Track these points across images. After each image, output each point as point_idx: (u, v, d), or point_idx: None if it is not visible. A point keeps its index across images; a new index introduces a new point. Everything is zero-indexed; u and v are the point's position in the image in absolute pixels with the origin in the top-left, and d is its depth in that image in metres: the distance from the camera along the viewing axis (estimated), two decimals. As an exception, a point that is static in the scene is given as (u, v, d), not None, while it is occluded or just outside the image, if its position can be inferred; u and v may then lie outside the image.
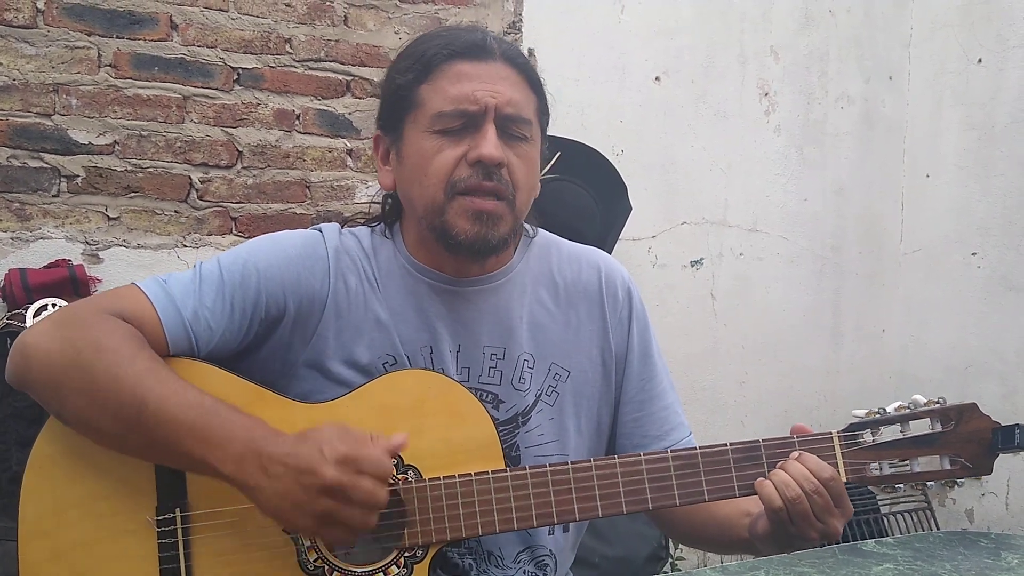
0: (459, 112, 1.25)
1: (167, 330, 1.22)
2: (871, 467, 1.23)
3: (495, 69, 1.27)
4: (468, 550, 1.33)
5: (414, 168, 1.29)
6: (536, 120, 1.31)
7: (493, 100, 1.25)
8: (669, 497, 1.22)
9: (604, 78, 3.24)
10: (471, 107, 1.24)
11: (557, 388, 1.38)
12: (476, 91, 1.25)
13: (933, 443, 1.23)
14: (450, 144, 1.26)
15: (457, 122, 1.25)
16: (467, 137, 1.25)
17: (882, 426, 1.24)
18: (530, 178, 1.31)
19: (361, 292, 1.31)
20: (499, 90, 1.26)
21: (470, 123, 1.25)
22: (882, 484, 1.24)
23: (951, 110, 3.73)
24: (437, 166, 1.26)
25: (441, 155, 1.26)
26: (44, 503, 1.18)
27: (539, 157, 1.35)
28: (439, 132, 1.26)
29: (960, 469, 1.23)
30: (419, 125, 1.28)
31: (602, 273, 1.44)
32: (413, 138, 1.29)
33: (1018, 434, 1.21)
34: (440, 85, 1.26)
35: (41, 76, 2.38)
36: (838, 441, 1.24)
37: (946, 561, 1.31)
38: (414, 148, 1.28)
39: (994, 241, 3.59)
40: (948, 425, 1.23)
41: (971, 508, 3.69)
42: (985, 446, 1.23)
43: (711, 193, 3.49)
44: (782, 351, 3.69)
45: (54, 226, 2.41)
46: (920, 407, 1.25)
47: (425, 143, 1.27)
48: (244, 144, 2.63)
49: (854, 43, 3.76)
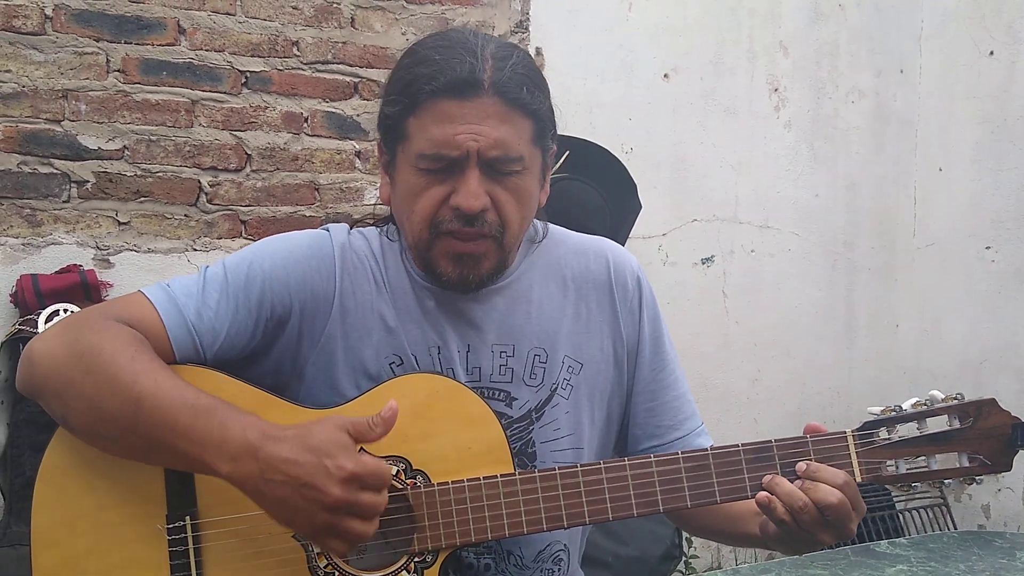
0: (439, 156, 1.22)
1: (170, 332, 1.22)
2: (887, 466, 1.21)
3: (483, 106, 1.21)
4: (487, 549, 1.33)
5: (402, 200, 1.28)
6: (531, 148, 1.27)
7: (475, 144, 1.21)
8: (680, 499, 1.21)
9: (612, 76, 3.23)
10: (451, 152, 1.21)
11: (571, 381, 1.37)
12: (458, 135, 1.20)
13: (951, 440, 1.20)
14: (434, 183, 1.23)
15: (438, 164, 1.22)
16: (452, 178, 1.23)
17: (898, 423, 1.21)
18: (522, 209, 1.28)
19: (368, 292, 1.31)
20: (483, 132, 1.21)
21: (453, 166, 1.22)
22: (898, 483, 1.21)
23: (963, 103, 3.70)
24: (421, 205, 1.24)
25: (425, 195, 1.24)
26: (55, 513, 1.18)
27: (539, 178, 1.31)
28: (424, 170, 1.24)
29: (979, 466, 1.20)
30: (407, 157, 1.25)
31: (611, 263, 1.43)
32: (403, 168, 1.27)
33: None
34: (424, 123, 1.22)
35: (50, 82, 2.39)
36: (852, 441, 1.21)
37: (960, 562, 1.30)
38: (403, 179, 1.27)
39: (1008, 235, 3.56)
40: (966, 422, 1.20)
41: (987, 504, 3.66)
42: (1004, 442, 1.20)
43: (721, 190, 3.48)
44: (795, 348, 3.67)
45: (65, 232, 2.42)
46: (937, 403, 1.21)
47: (412, 178, 1.25)
48: (253, 147, 2.63)
49: (864, 37, 3.74)
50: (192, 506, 1.18)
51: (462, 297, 1.33)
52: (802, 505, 1.16)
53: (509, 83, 1.22)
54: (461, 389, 1.24)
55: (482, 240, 1.25)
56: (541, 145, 1.29)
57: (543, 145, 1.30)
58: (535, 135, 1.27)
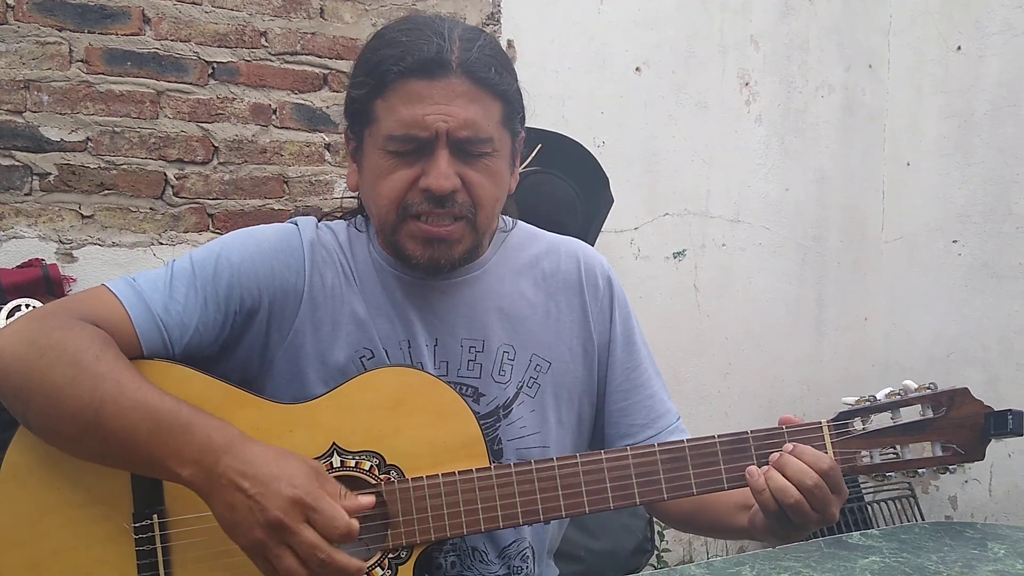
0: (409, 137, 1.21)
1: (137, 327, 1.19)
2: (861, 455, 1.21)
3: (450, 87, 1.20)
4: (452, 547, 1.32)
5: (370, 183, 1.27)
6: (501, 130, 1.26)
7: (444, 125, 1.20)
8: (656, 491, 1.21)
9: (584, 69, 3.22)
10: (421, 133, 1.20)
11: (538, 379, 1.36)
12: (427, 115, 1.19)
13: (924, 429, 1.21)
14: (402, 166, 1.22)
15: (408, 146, 1.21)
16: (421, 160, 1.22)
17: (872, 414, 1.22)
18: (494, 190, 1.27)
19: (338, 285, 1.30)
20: (452, 112, 1.20)
21: (422, 147, 1.21)
22: (873, 473, 1.22)
23: (931, 98, 3.73)
24: (389, 188, 1.23)
25: (392, 177, 1.23)
26: (19, 512, 1.15)
27: (508, 162, 1.31)
28: (392, 152, 1.22)
29: (952, 455, 1.20)
30: (375, 140, 1.24)
31: (581, 263, 1.42)
32: (370, 152, 1.26)
33: (1011, 419, 1.18)
34: (392, 104, 1.21)
35: (11, 73, 2.34)
36: (828, 430, 1.22)
37: (932, 552, 1.31)
38: (370, 163, 1.26)
39: (975, 229, 3.60)
40: (939, 411, 1.21)
41: (954, 495, 3.71)
42: (977, 432, 1.20)
43: (693, 184, 3.48)
44: (765, 341, 3.69)
45: (27, 225, 2.37)
46: (911, 393, 1.22)
47: (380, 161, 1.24)
48: (220, 139, 2.59)
49: (834, 31, 3.76)
50: (159, 504, 1.16)
51: (430, 288, 1.32)
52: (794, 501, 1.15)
53: (477, 63, 1.21)
54: (435, 383, 1.23)
55: (455, 224, 1.24)
56: (510, 128, 1.29)
57: (512, 128, 1.29)
58: (504, 117, 1.26)
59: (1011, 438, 1.20)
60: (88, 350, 1.12)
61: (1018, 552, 1.30)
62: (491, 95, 1.23)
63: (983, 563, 1.26)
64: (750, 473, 1.19)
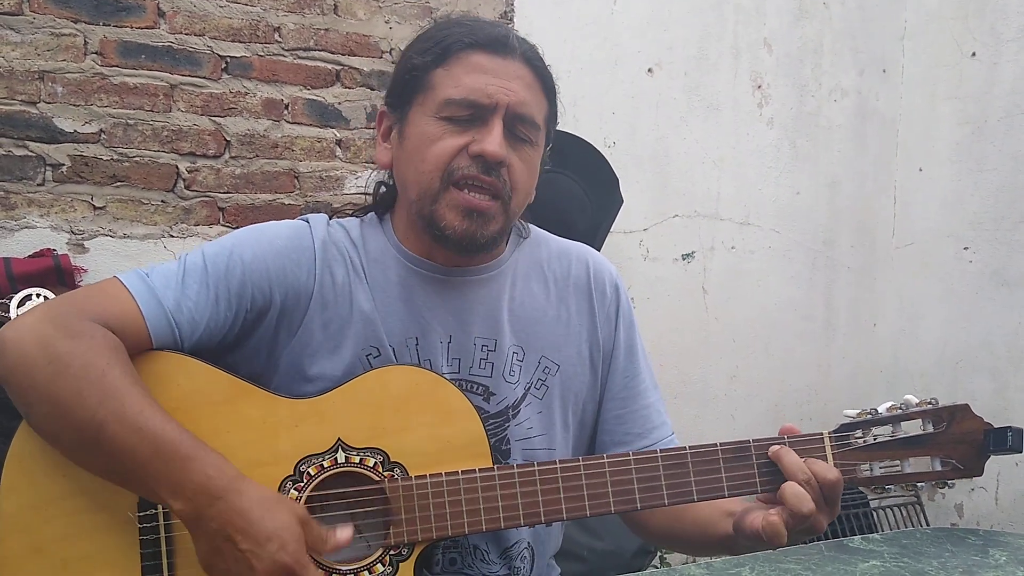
0: (469, 102, 1.23)
1: (149, 324, 1.20)
2: (861, 468, 1.22)
3: (513, 67, 1.25)
4: (453, 544, 1.32)
5: (413, 150, 1.27)
6: (544, 126, 1.31)
7: (505, 98, 1.23)
8: (658, 497, 1.21)
9: (596, 70, 3.22)
10: (482, 99, 1.23)
11: (546, 381, 1.37)
12: (489, 85, 1.23)
13: (924, 444, 1.22)
14: (454, 133, 1.24)
15: (465, 112, 1.24)
16: (472, 129, 1.24)
17: (873, 427, 1.23)
18: (529, 181, 1.31)
19: (347, 283, 1.30)
20: (513, 88, 1.24)
21: (478, 115, 1.24)
22: (872, 485, 1.23)
23: (944, 104, 3.72)
24: (437, 152, 1.24)
25: (442, 142, 1.24)
26: (24, 499, 1.16)
27: (540, 164, 1.33)
28: (445, 119, 1.24)
29: (951, 471, 1.22)
30: (426, 108, 1.26)
31: (591, 268, 1.44)
32: (418, 120, 1.27)
33: (1011, 436, 1.19)
34: (455, 72, 1.24)
35: (26, 63, 2.35)
36: (829, 442, 1.23)
37: (933, 558, 1.31)
38: (417, 130, 1.27)
39: (986, 235, 3.58)
40: (940, 426, 1.22)
41: (960, 503, 3.69)
42: (977, 448, 1.22)
43: (703, 186, 3.48)
44: (773, 345, 3.68)
45: (39, 215, 2.38)
46: (912, 407, 1.23)
47: (429, 127, 1.25)
48: (232, 133, 2.60)
49: (848, 35, 3.75)
50: None
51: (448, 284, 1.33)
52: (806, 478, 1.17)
53: (537, 57, 1.29)
54: (441, 382, 1.23)
55: (494, 201, 1.25)
56: (547, 131, 1.33)
57: (549, 132, 1.34)
58: (547, 117, 1.31)
59: (1010, 455, 1.22)
60: (96, 364, 1.12)
61: (1019, 559, 1.30)
62: (543, 90, 1.30)
63: (984, 569, 1.26)
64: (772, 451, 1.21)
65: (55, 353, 1.12)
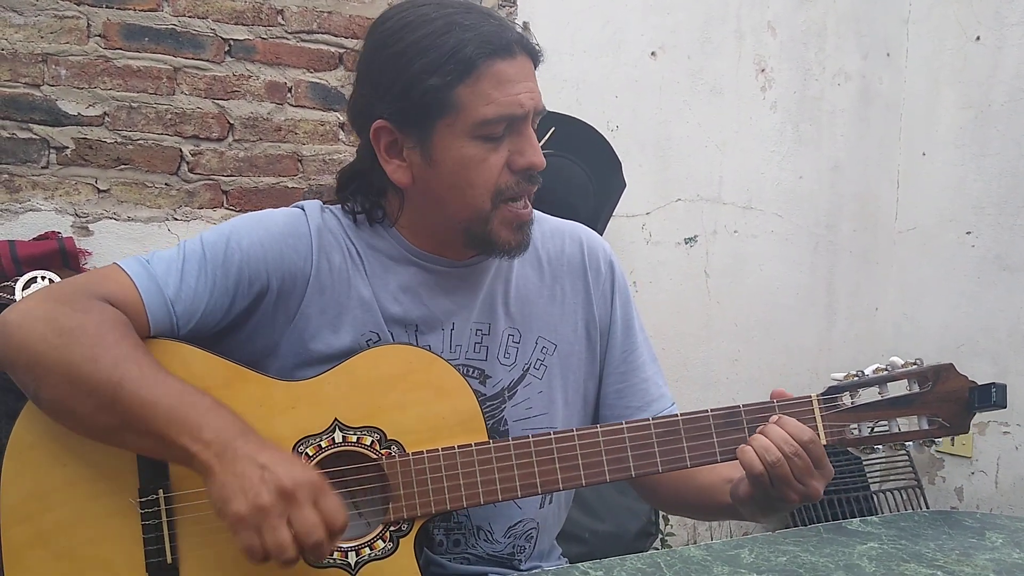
0: (505, 117, 1.22)
1: (148, 310, 1.21)
2: (850, 429, 1.25)
3: (524, 65, 1.24)
4: (457, 525, 1.34)
5: (454, 175, 1.25)
6: None
7: (532, 102, 1.23)
8: (652, 464, 1.23)
9: (599, 53, 3.22)
10: (517, 111, 1.22)
11: (545, 361, 1.38)
12: (519, 94, 1.22)
13: (911, 403, 1.25)
14: (492, 150, 1.23)
15: (500, 128, 1.22)
16: (507, 140, 1.24)
17: (861, 388, 1.26)
18: None
19: (345, 269, 1.31)
20: (534, 88, 1.24)
21: (511, 126, 1.23)
22: (861, 446, 1.26)
23: (948, 88, 3.71)
24: (485, 175, 1.24)
25: (486, 164, 1.23)
26: (25, 487, 1.17)
27: None
28: (481, 138, 1.22)
29: (938, 429, 1.25)
30: (457, 130, 1.22)
31: (584, 246, 1.45)
32: (450, 143, 1.23)
33: (994, 392, 1.22)
34: (482, 89, 1.20)
35: (30, 46, 2.36)
36: (817, 404, 1.25)
37: (930, 540, 1.32)
38: (453, 154, 1.23)
39: (989, 220, 3.58)
40: (925, 386, 1.25)
41: (960, 487, 3.71)
42: (962, 405, 1.24)
43: (706, 170, 3.48)
44: (775, 329, 3.69)
45: (43, 198, 2.40)
46: (897, 369, 1.26)
47: (467, 150, 1.23)
48: (235, 116, 2.61)
49: (852, 19, 3.73)
50: (164, 479, 1.18)
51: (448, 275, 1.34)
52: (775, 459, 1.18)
53: (530, 44, 1.27)
54: (435, 360, 1.25)
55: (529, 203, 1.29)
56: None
57: None
58: None
59: (995, 411, 1.24)
60: (107, 332, 1.15)
61: (1015, 541, 1.31)
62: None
63: (980, 552, 1.27)
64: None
65: (65, 326, 1.14)
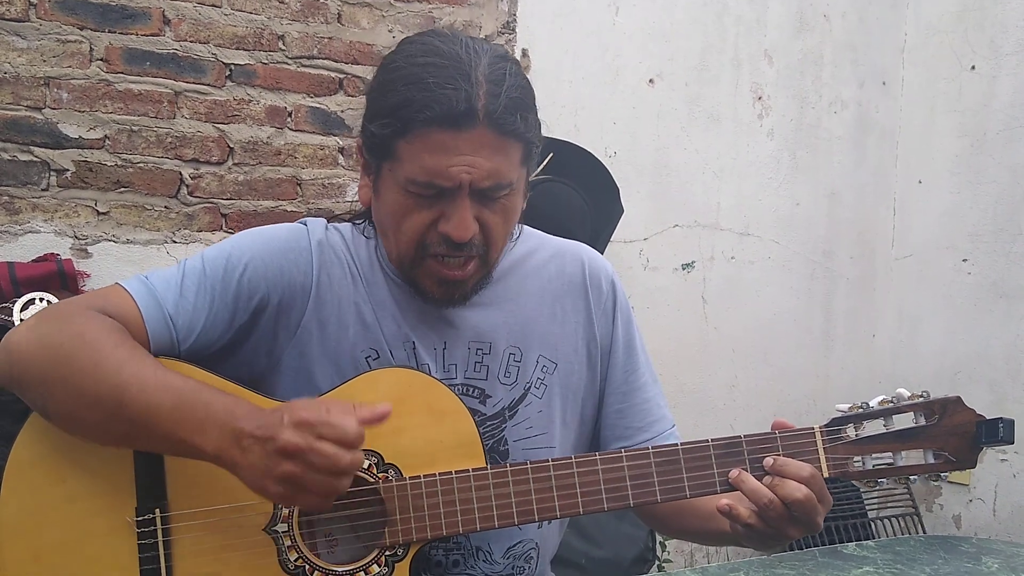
0: (431, 185, 1.20)
1: (148, 326, 1.22)
2: (854, 462, 1.22)
3: (475, 138, 1.18)
4: (456, 545, 1.33)
5: (387, 215, 1.27)
6: (520, 169, 1.26)
7: (468, 176, 1.18)
8: (650, 494, 1.22)
9: (598, 80, 3.24)
10: (444, 183, 1.19)
11: (545, 380, 1.38)
12: (452, 167, 1.18)
13: (917, 437, 1.22)
14: (422, 207, 1.22)
15: (429, 192, 1.21)
16: (440, 203, 1.21)
17: (865, 420, 1.23)
18: (508, 226, 1.29)
19: (345, 286, 1.32)
20: (477, 164, 1.18)
21: (443, 194, 1.21)
22: (865, 479, 1.23)
23: (944, 116, 3.73)
24: (408, 228, 1.24)
25: (412, 218, 1.23)
26: (24, 505, 1.17)
27: (523, 193, 1.31)
28: (412, 193, 1.22)
29: (944, 463, 1.22)
30: (395, 177, 1.23)
31: (586, 266, 1.44)
32: (389, 186, 1.24)
33: (1001, 427, 1.20)
34: (416, 150, 1.19)
35: (32, 69, 2.37)
36: (820, 436, 1.23)
37: (926, 565, 1.32)
38: (389, 197, 1.25)
39: (985, 248, 3.60)
40: (932, 419, 1.22)
41: (958, 514, 3.70)
42: (969, 439, 1.21)
43: (703, 196, 3.49)
44: (772, 355, 3.69)
45: (43, 220, 2.40)
46: (904, 401, 1.24)
47: (399, 199, 1.23)
48: (235, 140, 2.62)
49: (848, 48, 3.77)
50: (162, 498, 1.18)
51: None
52: (768, 501, 1.18)
53: (504, 114, 1.18)
54: (434, 384, 1.24)
55: (469, 263, 1.26)
56: (528, 164, 1.29)
57: (530, 163, 1.30)
58: (524, 156, 1.26)
59: (1003, 446, 1.22)
60: (108, 339, 1.15)
61: (1011, 567, 1.31)
62: (514, 141, 1.22)
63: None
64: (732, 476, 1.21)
65: (65, 338, 1.15)
